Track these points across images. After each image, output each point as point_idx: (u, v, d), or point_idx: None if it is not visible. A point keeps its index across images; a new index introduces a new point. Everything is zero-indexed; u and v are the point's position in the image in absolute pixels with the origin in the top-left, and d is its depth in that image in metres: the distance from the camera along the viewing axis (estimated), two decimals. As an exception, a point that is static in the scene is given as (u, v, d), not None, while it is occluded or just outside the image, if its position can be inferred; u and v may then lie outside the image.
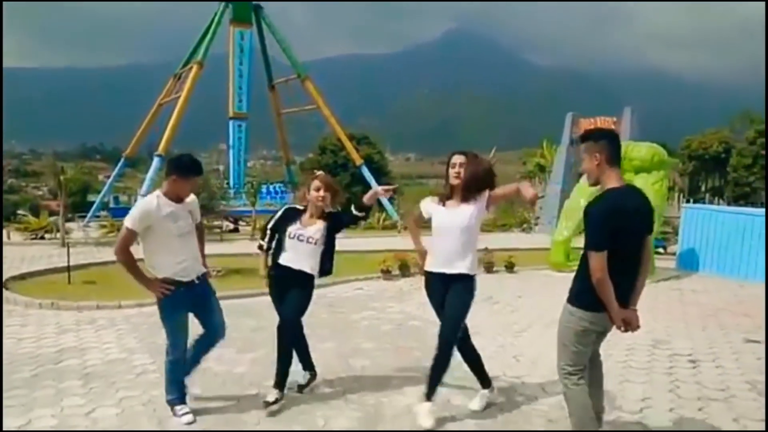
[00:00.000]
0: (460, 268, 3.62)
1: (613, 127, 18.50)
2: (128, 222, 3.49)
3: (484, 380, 3.99)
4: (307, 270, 3.98)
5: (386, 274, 10.02)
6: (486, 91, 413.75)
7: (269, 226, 4.15)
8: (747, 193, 21.08)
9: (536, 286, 9.27)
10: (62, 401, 4.01)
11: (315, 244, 3.99)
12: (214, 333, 3.83)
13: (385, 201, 30.75)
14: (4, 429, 2.90)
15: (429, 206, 3.84)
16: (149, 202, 3.57)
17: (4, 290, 7.89)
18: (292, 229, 4.01)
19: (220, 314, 3.86)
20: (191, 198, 3.81)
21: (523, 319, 6.73)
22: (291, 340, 3.96)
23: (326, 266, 4.10)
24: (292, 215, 4.10)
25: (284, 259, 4.00)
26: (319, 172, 4.24)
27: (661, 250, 13.28)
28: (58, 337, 5.78)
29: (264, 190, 28.63)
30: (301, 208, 4.12)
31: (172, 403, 3.71)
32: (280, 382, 3.86)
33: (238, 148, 29.68)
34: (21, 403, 3.96)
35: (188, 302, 3.69)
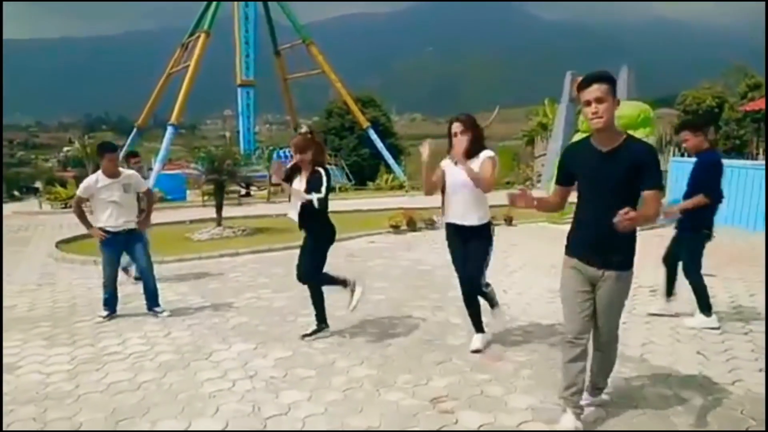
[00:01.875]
0: (473, 220, 4.13)
1: (609, 85, 19.11)
2: (78, 191, 5.40)
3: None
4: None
5: (395, 228, 11.03)
6: (491, 47, 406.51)
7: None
8: (738, 145, 21.85)
9: (531, 236, 10.24)
10: (144, 327, 5.10)
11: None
12: (139, 267, 5.68)
13: (392, 162, 31.58)
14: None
15: (444, 164, 4.28)
16: (90, 178, 5.35)
17: (60, 252, 8.99)
18: (295, 185, 4.55)
19: (144, 257, 5.53)
20: (127, 174, 5.43)
21: (515, 263, 7.74)
22: (313, 289, 4.73)
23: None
24: (295, 171, 4.63)
25: (290, 214, 4.65)
26: (302, 130, 4.70)
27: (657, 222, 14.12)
28: (120, 286, 6.83)
29: (275, 155, 29.47)
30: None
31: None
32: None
33: (247, 115, 30.35)
34: (112, 329, 5.05)
35: (115, 245, 5.40)
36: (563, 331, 3.19)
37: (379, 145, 31.71)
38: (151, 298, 5.56)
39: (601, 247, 2.94)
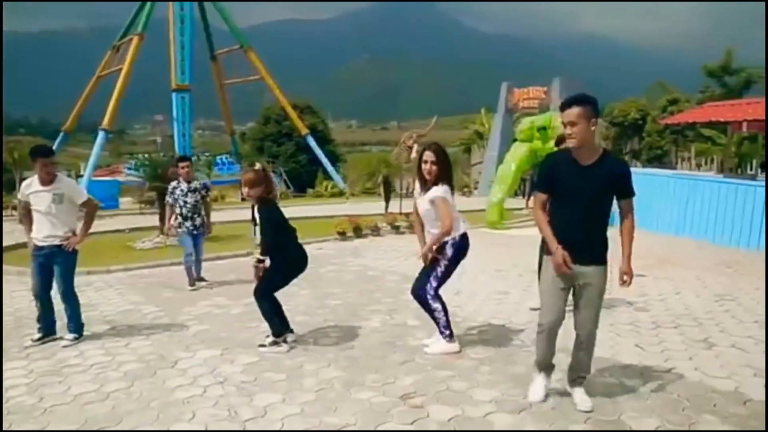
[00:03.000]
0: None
1: (543, 96, 20.10)
2: (19, 195, 4.95)
3: None
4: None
5: (342, 235, 11.18)
6: (426, 56, 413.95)
7: None
8: (659, 155, 23.61)
9: (473, 242, 10.64)
10: (100, 338, 5.01)
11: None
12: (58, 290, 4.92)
13: (331, 170, 31.66)
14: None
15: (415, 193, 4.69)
16: (27, 181, 4.89)
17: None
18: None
19: (61, 280, 4.87)
20: (60, 182, 4.79)
21: (462, 267, 8.06)
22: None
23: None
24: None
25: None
26: (249, 172, 4.68)
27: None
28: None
29: (218, 162, 28.94)
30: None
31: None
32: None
33: (182, 120, 29.49)
34: (67, 342, 4.93)
35: (39, 258, 4.84)
36: (541, 322, 3.50)
37: (318, 152, 31.73)
38: (69, 322, 4.95)
39: (583, 246, 3.34)
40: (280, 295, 4.80)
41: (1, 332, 5.07)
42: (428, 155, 4.41)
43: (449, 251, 4.47)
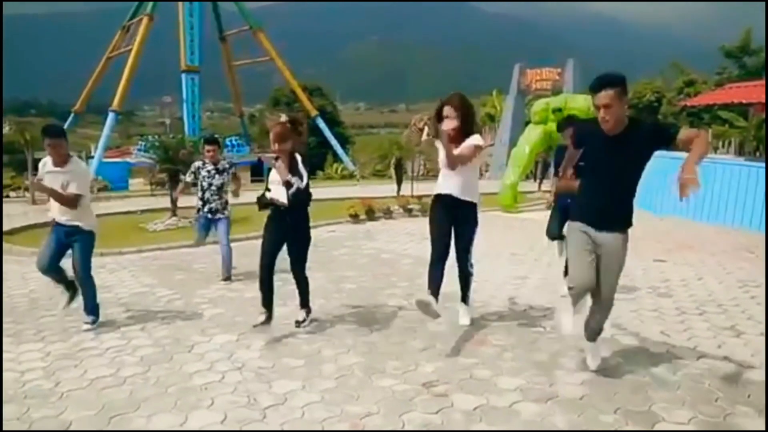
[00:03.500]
0: (468, 197, 4.38)
1: (557, 78, 19.77)
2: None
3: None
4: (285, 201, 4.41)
5: (354, 218, 11.08)
6: (434, 38, 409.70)
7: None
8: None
9: (486, 225, 10.49)
10: (115, 321, 4.96)
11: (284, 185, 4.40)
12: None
13: (341, 152, 31.50)
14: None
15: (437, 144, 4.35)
16: (43, 160, 4.70)
17: (6, 244, 8.51)
18: (273, 177, 4.48)
19: (77, 260, 4.72)
20: (73, 165, 4.59)
21: (477, 251, 7.92)
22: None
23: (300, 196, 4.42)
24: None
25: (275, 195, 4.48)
26: (278, 121, 4.50)
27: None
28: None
29: (227, 144, 28.83)
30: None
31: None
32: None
33: (192, 102, 29.45)
34: (82, 323, 4.87)
35: (55, 236, 4.74)
36: (570, 285, 3.51)
37: (327, 133, 31.58)
38: (87, 304, 4.83)
39: (604, 213, 3.44)
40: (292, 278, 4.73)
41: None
42: (448, 110, 4.19)
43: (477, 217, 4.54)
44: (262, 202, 4.58)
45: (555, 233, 5.67)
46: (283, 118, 4.64)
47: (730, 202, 10.14)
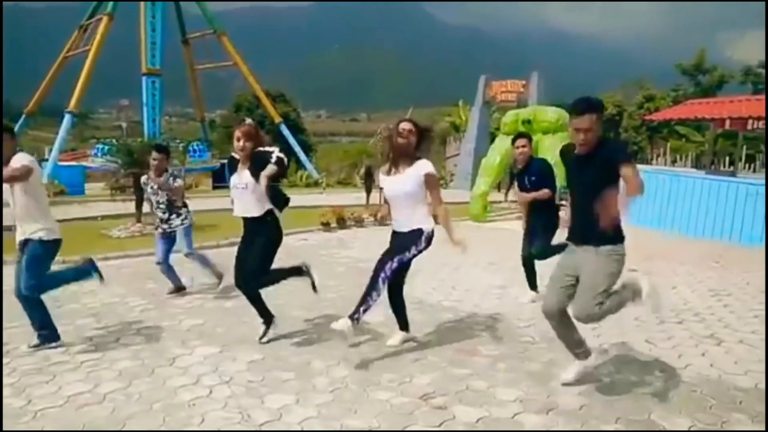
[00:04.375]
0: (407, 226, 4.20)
1: (522, 90, 20.11)
2: None
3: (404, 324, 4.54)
4: (255, 214, 4.29)
5: (326, 226, 10.94)
6: (397, 48, 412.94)
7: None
8: (635, 151, 24.09)
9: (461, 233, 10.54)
10: (86, 332, 4.69)
11: (247, 188, 4.23)
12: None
13: (304, 159, 31.23)
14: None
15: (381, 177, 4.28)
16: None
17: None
18: (234, 180, 4.33)
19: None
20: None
21: (454, 261, 7.94)
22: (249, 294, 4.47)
23: (276, 202, 4.35)
24: (231, 167, 4.41)
25: (236, 211, 4.38)
26: (245, 122, 4.39)
27: (564, 202, 15.09)
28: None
29: (190, 149, 28.13)
30: (238, 158, 4.33)
31: None
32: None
33: (152, 105, 28.67)
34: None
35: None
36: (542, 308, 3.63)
37: (291, 141, 31.26)
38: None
39: (581, 229, 3.51)
40: (272, 286, 4.59)
41: (1, 327, 4.69)
42: (405, 125, 4.11)
43: (423, 243, 4.20)
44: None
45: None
46: (248, 120, 4.57)
47: (692, 213, 10.47)
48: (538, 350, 4.37)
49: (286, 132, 30.92)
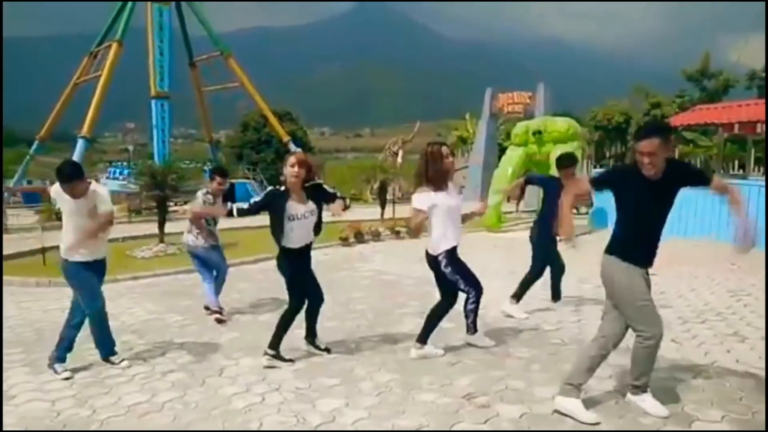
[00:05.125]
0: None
1: (528, 101, 20.39)
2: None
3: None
4: (312, 240, 4.51)
5: (344, 241, 11.15)
6: (396, 63, 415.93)
7: (258, 205, 4.36)
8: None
9: (474, 245, 10.73)
10: (133, 348, 4.89)
11: (312, 216, 4.39)
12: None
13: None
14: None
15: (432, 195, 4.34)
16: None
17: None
18: (295, 210, 4.27)
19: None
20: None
21: (477, 270, 8.12)
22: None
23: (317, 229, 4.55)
24: (279, 198, 4.29)
25: (296, 241, 4.36)
26: (296, 150, 4.71)
27: (574, 210, 15.28)
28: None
29: (206, 173, 28.57)
30: (282, 189, 4.33)
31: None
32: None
33: (162, 128, 29.23)
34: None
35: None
36: (653, 333, 3.39)
37: (301, 158, 31.60)
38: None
39: (653, 252, 3.55)
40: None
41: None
42: (446, 149, 4.41)
43: (444, 265, 4.45)
44: None
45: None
46: (297, 150, 4.80)
47: (705, 218, 10.63)
48: (568, 352, 4.54)
49: (295, 150, 31.26)
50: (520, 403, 3.57)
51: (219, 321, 5.67)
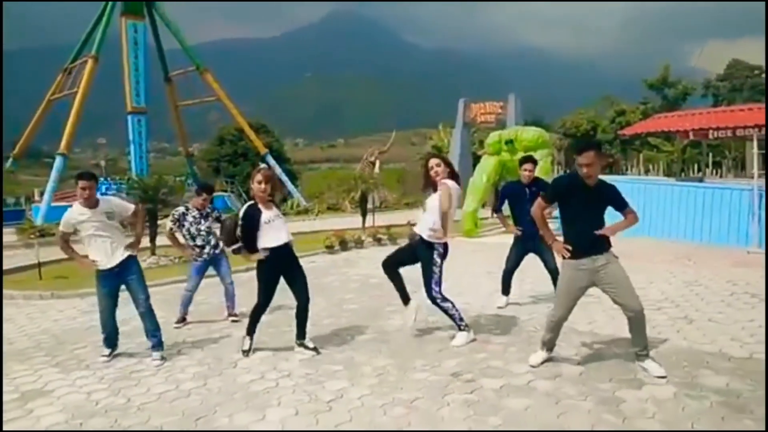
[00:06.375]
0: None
1: (500, 111, 21.24)
2: (60, 227, 4.93)
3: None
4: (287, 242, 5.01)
5: (330, 249, 11.69)
6: (368, 73, 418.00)
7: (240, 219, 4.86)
8: (610, 164, 25.52)
9: (457, 249, 11.36)
10: (149, 348, 5.36)
11: (281, 218, 5.01)
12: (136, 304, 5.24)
13: (292, 188, 31.96)
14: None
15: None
16: (69, 211, 4.91)
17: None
18: (265, 216, 4.80)
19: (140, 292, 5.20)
20: (106, 202, 4.96)
21: (455, 270, 8.76)
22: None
23: None
24: (254, 210, 4.83)
25: (274, 241, 4.86)
26: (262, 166, 5.27)
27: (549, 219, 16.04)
28: (90, 315, 6.86)
29: (188, 185, 28.75)
30: (252, 203, 4.87)
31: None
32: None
33: (139, 143, 29.31)
34: (118, 351, 5.26)
35: (111, 281, 5.14)
36: (554, 315, 4.40)
37: (279, 170, 31.97)
38: (155, 337, 5.15)
39: (592, 242, 4.17)
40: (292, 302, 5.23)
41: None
42: (435, 161, 5.11)
43: (437, 258, 5.16)
44: None
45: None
46: (263, 165, 5.38)
47: (665, 218, 11.48)
48: (540, 337, 5.17)
49: (272, 162, 31.65)
50: (500, 377, 4.19)
51: (177, 326, 6.16)
